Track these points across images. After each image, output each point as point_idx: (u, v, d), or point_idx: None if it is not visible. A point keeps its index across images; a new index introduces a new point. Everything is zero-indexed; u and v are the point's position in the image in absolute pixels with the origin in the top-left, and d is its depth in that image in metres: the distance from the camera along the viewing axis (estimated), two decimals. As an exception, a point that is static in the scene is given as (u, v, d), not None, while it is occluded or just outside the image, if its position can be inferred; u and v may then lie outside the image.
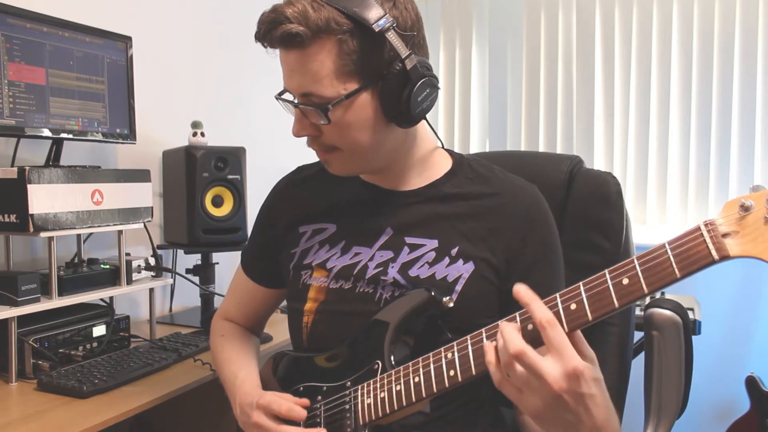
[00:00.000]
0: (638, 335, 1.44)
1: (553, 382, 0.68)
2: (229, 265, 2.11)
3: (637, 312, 1.62)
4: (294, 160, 1.23)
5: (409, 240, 0.98)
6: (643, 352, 1.55)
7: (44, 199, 1.32)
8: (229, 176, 1.81)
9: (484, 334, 0.78)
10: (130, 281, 1.55)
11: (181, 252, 1.95)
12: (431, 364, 0.82)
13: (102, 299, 1.55)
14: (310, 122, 0.93)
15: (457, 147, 2.93)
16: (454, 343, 0.81)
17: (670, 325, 1.50)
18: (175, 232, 1.85)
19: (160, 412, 1.30)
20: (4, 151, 1.52)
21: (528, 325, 0.73)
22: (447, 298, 0.91)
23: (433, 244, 0.97)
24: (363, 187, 1.05)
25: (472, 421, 0.98)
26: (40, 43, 1.42)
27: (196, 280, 1.83)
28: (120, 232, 1.53)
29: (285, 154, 2.04)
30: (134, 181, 1.56)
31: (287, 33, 0.85)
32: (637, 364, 1.34)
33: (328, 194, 1.07)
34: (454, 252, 0.95)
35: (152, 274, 1.63)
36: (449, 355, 0.81)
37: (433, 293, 0.90)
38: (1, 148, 1.53)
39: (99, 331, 1.47)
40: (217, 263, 1.90)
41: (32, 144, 1.55)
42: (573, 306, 0.72)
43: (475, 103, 2.94)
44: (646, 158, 2.63)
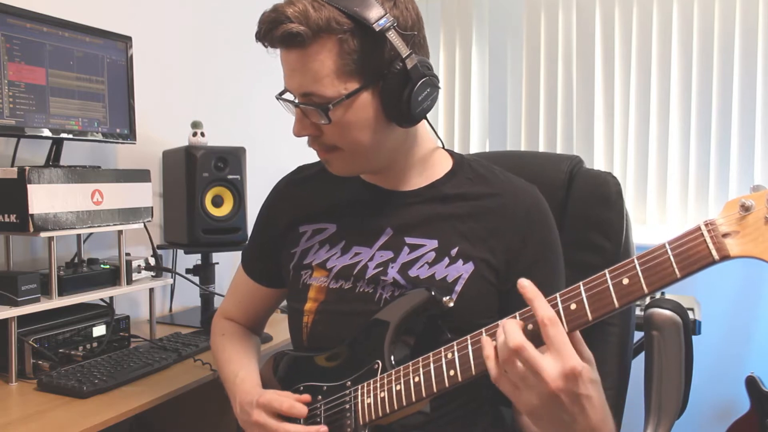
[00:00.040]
0: (638, 335, 1.44)
1: (550, 380, 0.68)
2: (229, 265, 2.11)
3: (637, 312, 1.62)
4: (294, 160, 1.23)
5: (409, 240, 0.98)
6: (643, 352, 1.55)
7: (44, 199, 1.32)
8: (229, 176, 1.81)
9: (484, 334, 0.78)
10: (130, 281, 1.55)
11: (181, 252, 1.95)
12: (431, 364, 0.82)
13: (102, 299, 1.55)
14: (310, 122, 0.93)
15: (457, 147, 2.93)
16: (454, 343, 0.81)
17: (670, 325, 1.50)
18: (175, 232, 1.85)
19: (160, 412, 1.30)
20: (4, 151, 1.52)
21: (528, 325, 0.73)
22: (447, 298, 0.91)
23: (433, 244, 0.97)
24: (363, 187, 1.05)
25: (472, 421, 0.98)
26: (40, 43, 1.42)
27: (196, 280, 1.83)
28: (120, 232, 1.53)
29: (285, 154, 2.04)
30: (134, 181, 1.56)
31: (288, 32, 0.85)
32: (637, 364, 1.34)
33: (329, 194, 1.07)
34: (454, 252, 0.95)
35: (152, 274, 1.63)
36: (449, 355, 0.81)
37: (433, 293, 0.90)
38: (1, 148, 1.53)
39: (99, 331, 1.47)
40: (217, 263, 1.90)
41: (32, 144, 1.55)
42: (573, 306, 0.72)
43: (475, 103, 2.94)
44: (646, 158, 2.63)
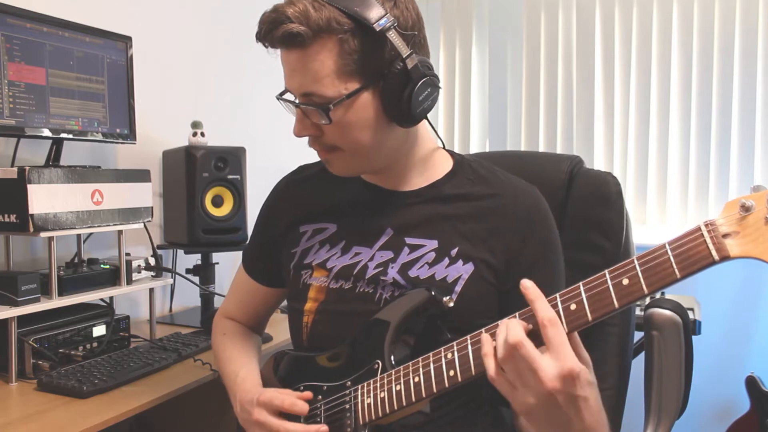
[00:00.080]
0: (638, 335, 1.44)
1: (547, 380, 0.68)
2: (229, 265, 2.11)
3: (637, 312, 1.62)
4: (294, 160, 1.23)
5: (409, 240, 0.98)
6: (643, 352, 1.55)
7: (44, 199, 1.32)
8: (229, 176, 1.81)
9: (484, 334, 0.78)
10: (130, 281, 1.55)
11: (181, 252, 1.95)
12: (431, 364, 0.82)
13: (102, 299, 1.55)
14: (311, 122, 0.93)
15: (457, 147, 2.93)
16: (454, 343, 0.81)
17: (670, 325, 1.50)
18: (175, 232, 1.85)
19: (160, 412, 1.30)
20: (4, 151, 1.52)
21: (529, 325, 0.73)
22: (447, 298, 0.91)
23: (433, 244, 0.97)
24: (364, 187, 1.05)
25: (472, 421, 0.98)
26: (40, 43, 1.42)
27: (196, 280, 1.83)
28: (120, 232, 1.53)
29: (285, 154, 2.04)
30: (134, 181, 1.55)
31: (288, 33, 0.85)
32: (637, 364, 1.34)
33: (329, 194, 1.07)
34: (454, 253, 0.95)
35: (152, 274, 1.63)
36: (449, 355, 0.81)
37: (433, 293, 0.90)
38: (1, 148, 1.53)
39: (99, 331, 1.47)
40: (217, 263, 1.90)
41: (32, 144, 1.55)
42: (573, 306, 0.72)
43: (475, 103, 2.94)
44: (646, 158, 2.63)
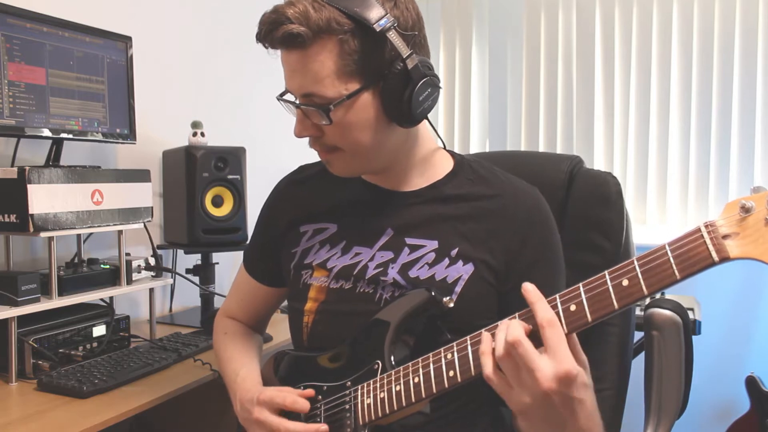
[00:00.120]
0: (638, 335, 1.44)
1: (543, 380, 0.68)
2: (229, 265, 2.11)
3: (637, 312, 1.62)
4: (294, 160, 1.23)
5: (409, 241, 0.98)
6: (643, 352, 1.55)
7: (44, 199, 1.32)
8: (229, 176, 1.81)
9: (485, 332, 0.78)
10: (130, 281, 1.55)
11: (181, 252, 1.95)
12: (431, 365, 0.82)
13: (102, 299, 1.55)
14: (311, 123, 0.93)
15: (457, 147, 2.93)
16: (454, 343, 0.81)
17: (670, 325, 1.50)
18: (175, 232, 1.85)
19: (160, 412, 1.30)
20: (4, 151, 1.52)
21: (528, 326, 0.73)
22: (447, 299, 0.91)
23: (433, 245, 0.97)
24: (364, 187, 1.05)
25: (472, 422, 0.98)
26: (40, 43, 1.42)
27: (196, 280, 1.83)
28: (120, 232, 1.53)
29: (285, 154, 2.04)
30: (134, 181, 1.55)
31: (288, 33, 0.85)
32: (637, 364, 1.34)
33: (330, 194, 1.07)
34: (454, 253, 0.95)
35: (152, 274, 1.63)
36: (449, 355, 0.81)
37: (433, 293, 0.90)
38: (1, 148, 1.53)
39: (99, 331, 1.47)
40: (217, 263, 1.90)
41: (32, 144, 1.55)
42: (573, 307, 0.72)
43: (475, 103, 2.94)
44: (646, 158, 2.63)
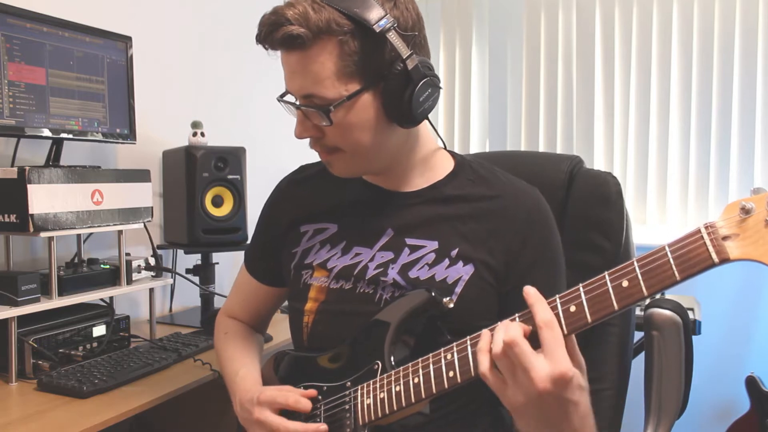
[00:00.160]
0: (638, 335, 1.44)
1: (538, 380, 0.69)
2: (229, 265, 2.11)
3: (637, 312, 1.62)
4: (294, 160, 1.23)
5: (409, 241, 0.98)
6: (643, 352, 1.55)
7: (44, 199, 1.32)
8: (229, 176, 1.81)
9: (485, 330, 0.78)
10: (130, 281, 1.55)
11: (181, 252, 1.95)
12: (431, 365, 0.82)
13: (102, 299, 1.55)
14: (312, 124, 0.93)
15: (457, 147, 2.93)
16: (454, 344, 0.81)
17: (670, 325, 1.50)
18: (175, 232, 1.85)
19: (160, 412, 1.30)
20: (4, 151, 1.52)
21: (528, 327, 0.73)
22: (447, 299, 0.91)
23: (434, 245, 0.97)
24: (365, 188, 1.05)
25: (472, 422, 0.98)
26: (40, 43, 1.42)
27: (196, 280, 1.83)
28: (120, 232, 1.53)
29: (285, 154, 2.04)
30: (134, 181, 1.55)
31: (288, 35, 0.85)
32: (637, 364, 1.34)
33: (330, 194, 1.07)
34: (454, 254, 0.95)
35: (152, 274, 1.63)
36: (449, 356, 0.81)
37: (433, 294, 0.90)
38: (1, 148, 1.53)
39: (99, 331, 1.47)
40: (217, 263, 1.90)
41: (32, 144, 1.55)
42: (572, 308, 0.72)
43: (475, 103, 2.94)
44: (646, 158, 2.63)
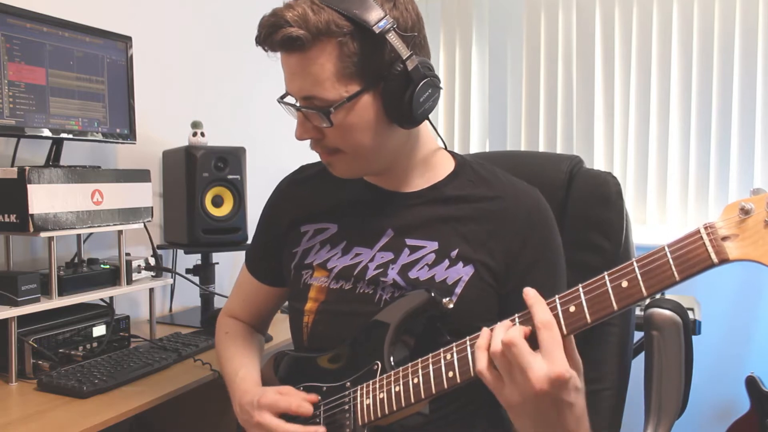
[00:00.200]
0: (638, 335, 1.44)
1: (535, 380, 0.69)
2: (229, 265, 2.11)
3: (637, 312, 1.62)
4: (294, 160, 1.23)
5: (409, 242, 0.98)
6: (643, 352, 1.55)
7: (44, 199, 1.32)
8: (229, 176, 1.81)
9: (485, 329, 0.78)
10: (130, 281, 1.56)
11: (181, 252, 1.95)
12: (430, 366, 0.82)
13: (102, 299, 1.55)
14: (312, 125, 0.93)
15: (457, 147, 2.93)
16: (453, 345, 0.81)
17: (670, 325, 1.50)
18: (175, 232, 1.85)
19: (160, 412, 1.30)
20: (4, 151, 1.52)
21: (527, 328, 0.73)
22: (447, 299, 0.91)
23: (434, 246, 0.97)
24: (365, 188, 1.05)
25: (471, 423, 0.98)
26: (40, 43, 1.42)
27: (196, 280, 1.83)
28: (120, 232, 1.53)
29: (285, 154, 2.04)
30: (134, 181, 1.56)
31: (287, 37, 0.85)
32: (637, 364, 1.34)
33: (331, 194, 1.07)
34: (454, 254, 0.95)
35: (152, 274, 1.63)
36: (448, 356, 0.81)
37: (432, 294, 0.90)
38: (1, 148, 1.53)
39: (99, 331, 1.47)
40: (217, 263, 1.90)
41: (32, 144, 1.55)
42: (572, 309, 0.72)
43: (475, 103, 2.94)
44: (646, 158, 2.63)
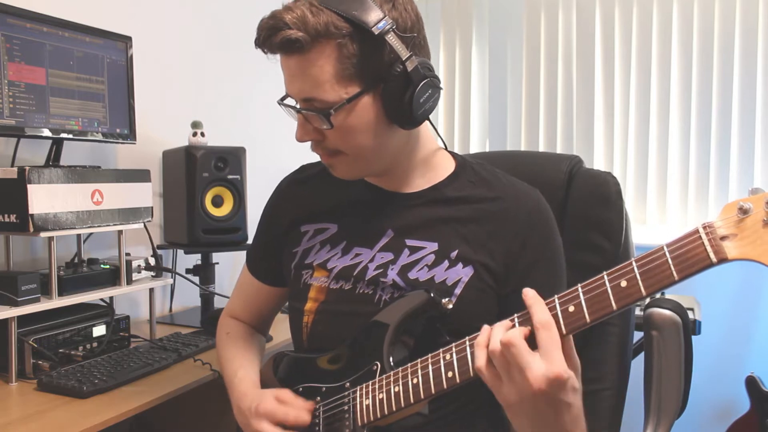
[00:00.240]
0: (638, 335, 1.44)
1: (533, 379, 0.69)
2: (229, 265, 2.11)
3: (637, 312, 1.62)
4: (294, 160, 1.23)
5: (409, 242, 0.98)
6: (643, 352, 1.55)
7: (44, 199, 1.32)
8: (229, 176, 1.82)
9: (485, 326, 0.78)
10: (130, 281, 1.56)
11: (181, 252, 1.95)
12: (429, 366, 0.82)
13: (102, 299, 1.56)
14: (312, 127, 0.93)
15: (457, 147, 2.93)
16: (453, 345, 0.81)
17: (670, 325, 1.50)
18: (175, 232, 1.85)
19: (160, 412, 1.30)
20: (4, 151, 1.52)
21: (527, 329, 0.73)
22: (446, 300, 0.91)
23: (433, 247, 0.97)
24: (365, 188, 1.05)
25: (470, 423, 0.98)
26: (40, 43, 1.42)
27: (196, 280, 1.83)
28: (120, 232, 1.53)
29: (285, 154, 2.04)
30: (134, 181, 1.56)
31: (286, 39, 0.85)
32: (637, 364, 1.34)
33: (331, 194, 1.07)
34: (454, 255, 0.95)
35: (152, 274, 1.63)
36: (447, 357, 0.81)
37: (432, 295, 0.90)
38: (1, 148, 1.53)
39: (99, 331, 1.47)
40: (217, 263, 1.90)
41: (32, 144, 1.55)
42: (571, 308, 0.72)
43: (475, 103, 2.94)
44: (646, 158, 2.62)
